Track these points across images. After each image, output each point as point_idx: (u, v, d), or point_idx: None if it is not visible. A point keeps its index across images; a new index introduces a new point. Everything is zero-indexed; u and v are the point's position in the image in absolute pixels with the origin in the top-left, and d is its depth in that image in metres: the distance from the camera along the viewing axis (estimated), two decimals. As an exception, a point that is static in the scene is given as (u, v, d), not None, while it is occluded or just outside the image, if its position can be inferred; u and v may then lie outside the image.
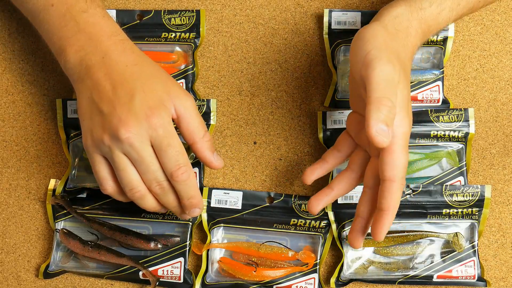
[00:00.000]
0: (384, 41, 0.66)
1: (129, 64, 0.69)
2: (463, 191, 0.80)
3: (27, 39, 0.86)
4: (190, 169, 0.69)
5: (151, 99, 0.68)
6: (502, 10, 0.85)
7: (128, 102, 0.67)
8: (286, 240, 0.82)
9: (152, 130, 0.67)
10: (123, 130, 0.66)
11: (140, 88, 0.68)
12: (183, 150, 0.69)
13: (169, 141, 0.67)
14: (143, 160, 0.68)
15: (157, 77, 0.70)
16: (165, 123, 0.67)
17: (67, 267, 0.82)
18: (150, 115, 0.67)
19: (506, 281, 0.83)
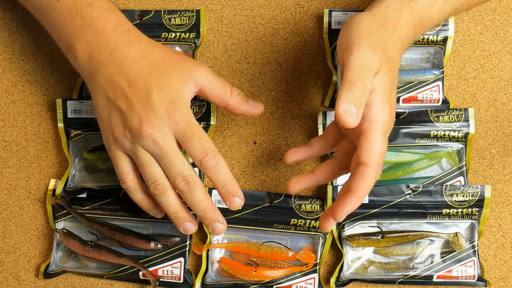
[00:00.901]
0: (368, 28, 0.66)
1: (138, 57, 0.69)
2: (463, 191, 0.80)
3: (27, 39, 0.86)
4: (218, 155, 0.69)
5: (168, 94, 0.68)
6: (502, 10, 0.85)
7: (146, 99, 0.67)
8: (286, 240, 0.82)
9: (173, 124, 0.67)
10: (146, 126, 0.67)
11: (155, 83, 0.68)
12: (207, 138, 0.69)
13: (192, 131, 0.68)
14: (167, 154, 0.68)
15: (168, 65, 0.70)
16: (185, 115, 0.68)
17: (67, 267, 0.82)
18: (169, 110, 0.67)
19: (506, 281, 0.83)
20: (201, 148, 0.68)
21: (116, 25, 0.71)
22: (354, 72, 0.62)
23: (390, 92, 0.66)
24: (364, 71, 0.62)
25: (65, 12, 0.71)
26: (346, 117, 0.60)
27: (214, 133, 0.84)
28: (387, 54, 0.66)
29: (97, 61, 0.70)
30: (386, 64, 0.65)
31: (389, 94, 0.65)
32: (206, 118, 0.82)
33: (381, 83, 0.64)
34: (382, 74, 0.65)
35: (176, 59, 0.71)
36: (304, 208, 0.81)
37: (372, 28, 0.66)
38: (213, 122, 0.83)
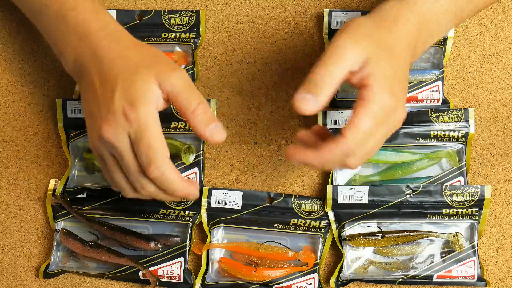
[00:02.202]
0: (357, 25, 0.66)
1: (114, 59, 0.68)
2: (463, 191, 0.80)
3: (27, 39, 0.86)
4: (165, 164, 0.65)
5: (130, 93, 0.65)
6: (502, 10, 0.85)
7: (109, 101, 0.65)
8: (286, 240, 0.82)
9: (128, 126, 0.64)
10: (104, 129, 0.65)
11: (121, 83, 0.65)
12: (158, 145, 0.64)
13: (142, 134, 0.64)
14: (123, 159, 0.66)
15: (140, 67, 0.67)
16: (141, 116, 0.64)
17: (67, 267, 0.82)
18: (127, 111, 0.64)
19: (506, 281, 0.83)
20: (146, 157, 0.64)
21: (98, 28, 0.70)
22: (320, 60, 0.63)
23: (392, 80, 0.64)
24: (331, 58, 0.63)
25: (52, 17, 0.71)
26: (298, 105, 0.62)
27: (214, 133, 0.84)
28: (380, 45, 0.65)
29: (81, 64, 0.69)
30: (382, 55, 0.64)
31: (390, 82, 0.64)
32: (206, 118, 0.82)
33: (377, 69, 0.64)
34: (376, 61, 0.64)
35: (151, 62, 0.68)
36: (304, 208, 0.81)
37: (363, 25, 0.66)
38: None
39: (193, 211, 0.82)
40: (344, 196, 0.80)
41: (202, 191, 0.82)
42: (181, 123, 0.82)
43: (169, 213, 0.82)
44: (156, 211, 0.82)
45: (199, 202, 0.82)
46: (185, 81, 0.67)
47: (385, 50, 0.65)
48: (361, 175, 0.82)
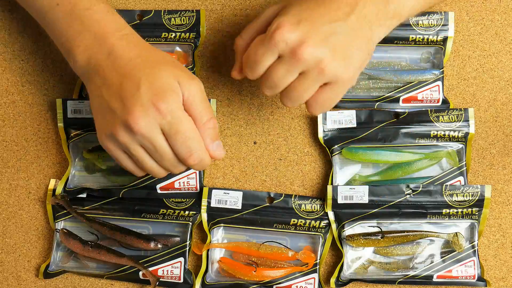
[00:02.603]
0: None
1: (132, 58, 0.69)
2: (463, 191, 0.80)
3: (27, 39, 0.86)
4: (202, 152, 0.68)
5: (157, 86, 0.66)
6: (502, 10, 0.85)
7: (135, 94, 0.66)
8: (286, 240, 0.82)
9: (160, 118, 0.66)
10: (132, 121, 0.65)
11: (145, 78, 0.67)
12: (193, 135, 0.67)
13: (178, 128, 0.66)
14: (157, 149, 0.67)
15: (162, 64, 0.69)
16: (172, 108, 0.66)
17: (67, 267, 0.82)
18: (156, 102, 0.65)
19: (506, 281, 0.83)
20: (185, 147, 0.67)
21: (115, 29, 0.71)
22: None
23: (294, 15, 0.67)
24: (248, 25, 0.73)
25: (64, 16, 0.71)
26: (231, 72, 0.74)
27: (214, 133, 0.84)
28: None
29: (95, 64, 0.69)
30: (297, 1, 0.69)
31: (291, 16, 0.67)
32: (206, 118, 0.82)
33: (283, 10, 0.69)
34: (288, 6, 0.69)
35: (172, 64, 0.70)
36: (304, 208, 0.81)
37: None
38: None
39: (193, 211, 0.82)
40: (344, 196, 0.80)
41: (202, 191, 0.82)
42: (181, 123, 0.82)
43: (169, 213, 0.82)
44: (156, 211, 0.82)
45: (199, 202, 0.82)
46: (202, 92, 0.69)
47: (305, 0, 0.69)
48: (361, 175, 0.82)
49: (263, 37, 0.68)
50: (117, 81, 0.68)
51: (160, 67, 0.68)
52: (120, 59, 0.69)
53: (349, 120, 0.83)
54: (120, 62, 0.69)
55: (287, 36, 0.66)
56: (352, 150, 0.82)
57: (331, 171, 0.82)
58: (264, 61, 0.68)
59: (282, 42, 0.66)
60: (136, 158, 0.69)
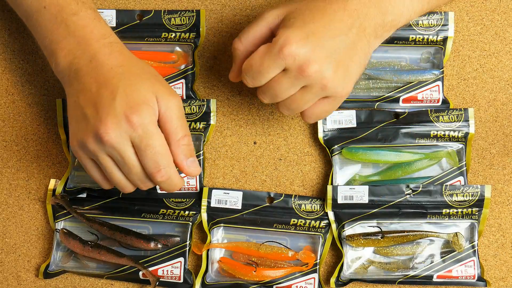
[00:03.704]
0: None
1: (114, 66, 0.68)
2: (463, 191, 0.80)
3: (27, 39, 0.86)
4: (171, 169, 0.68)
5: (133, 99, 0.66)
6: (502, 10, 0.85)
7: (110, 103, 0.65)
8: (286, 240, 0.82)
9: (132, 130, 0.65)
10: (103, 131, 0.65)
11: (123, 88, 0.66)
12: (163, 151, 0.66)
13: (148, 142, 0.65)
14: (125, 162, 0.67)
15: (142, 77, 0.68)
16: (145, 122, 0.65)
17: (67, 267, 0.82)
18: (129, 115, 0.65)
19: (506, 281, 0.83)
20: (154, 163, 0.66)
21: (100, 36, 0.70)
22: None
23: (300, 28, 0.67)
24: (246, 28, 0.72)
25: (51, 19, 0.71)
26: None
27: (214, 133, 0.84)
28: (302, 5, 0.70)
29: (76, 68, 0.69)
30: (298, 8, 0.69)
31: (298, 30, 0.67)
32: (206, 118, 0.82)
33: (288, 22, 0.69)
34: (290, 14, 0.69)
35: (152, 78, 0.69)
36: (304, 208, 0.81)
37: None
38: (213, 122, 0.83)
39: (193, 211, 0.82)
40: (344, 196, 0.80)
41: (202, 191, 0.82)
42: (181, 123, 0.82)
43: (169, 213, 0.82)
44: (156, 211, 0.82)
45: (199, 202, 0.82)
46: (180, 109, 0.69)
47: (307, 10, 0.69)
48: (361, 175, 0.82)
49: (269, 49, 0.67)
50: (95, 88, 0.67)
51: (139, 80, 0.68)
52: (101, 67, 0.68)
53: (349, 120, 0.83)
54: (101, 69, 0.68)
55: (296, 52, 0.66)
56: (352, 150, 0.82)
57: (331, 171, 0.82)
58: (269, 73, 0.68)
59: (291, 58, 0.66)
60: (104, 169, 0.69)
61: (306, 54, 0.66)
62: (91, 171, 0.70)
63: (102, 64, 0.68)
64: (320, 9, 0.69)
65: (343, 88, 0.69)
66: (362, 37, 0.69)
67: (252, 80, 0.70)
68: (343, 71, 0.68)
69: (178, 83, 0.83)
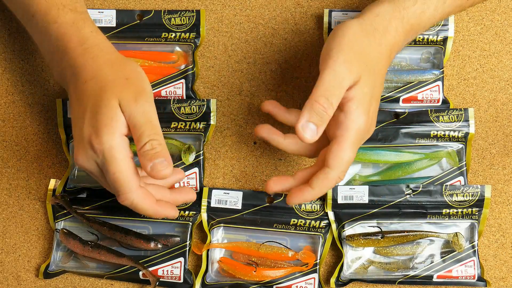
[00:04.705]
0: (352, 39, 0.67)
1: (87, 80, 0.68)
2: (463, 191, 0.80)
3: (27, 39, 0.86)
4: (131, 195, 0.66)
5: (96, 121, 0.65)
6: (502, 10, 0.85)
7: (81, 127, 0.67)
8: (286, 240, 0.82)
9: (95, 156, 0.66)
10: (76, 156, 0.68)
11: (89, 108, 0.66)
12: (123, 177, 0.65)
13: (107, 168, 0.65)
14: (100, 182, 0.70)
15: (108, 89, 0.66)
16: (105, 148, 0.65)
17: (67, 267, 0.82)
18: (92, 140, 0.65)
19: (506, 281, 0.83)
20: (113, 188, 0.67)
21: (77, 43, 0.70)
22: (322, 88, 0.64)
23: (370, 102, 0.67)
24: (332, 89, 0.64)
25: (37, 30, 0.72)
26: (302, 133, 0.65)
27: (214, 133, 0.84)
28: (369, 65, 0.67)
29: (64, 81, 0.71)
30: (368, 75, 0.66)
31: (368, 104, 0.67)
32: (206, 118, 0.82)
33: (360, 94, 0.66)
34: (361, 85, 0.66)
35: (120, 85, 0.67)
36: (304, 208, 0.81)
37: (356, 39, 0.67)
38: (213, 122, 0.83)
39: (193, 211, 0.82)
40: (344, 196, 0.80)
41: (202, 191, 0.82)
42: (181, 123, 0.82)
43: (169, 213, 0.82)
44: (156, 211, 0.82)
45: (199, 202, 0.82)
46: (144, 113, 0.66)
47: (370, 73, 0.67)
48: (361, 175, 0.82)
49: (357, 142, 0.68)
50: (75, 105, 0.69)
51: (105, 94, 0.66)
52: (78, 80, 0.69)
53: (349, 120, 0.82)
54: (78, 83, 0.68)
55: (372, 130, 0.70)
56: (352, 150, 0.82)
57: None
58: None
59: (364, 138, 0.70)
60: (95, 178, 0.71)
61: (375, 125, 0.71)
62: None
63: (79, 77, 0.69)
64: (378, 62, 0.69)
65: None
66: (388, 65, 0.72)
67: None
68: None
69: (178, 83, 0.83)
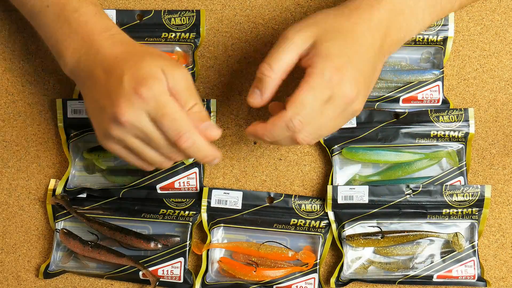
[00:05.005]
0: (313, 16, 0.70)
1: (118, 55, 0.69)
2: (463, 191, 0.80)
3: (27, 39, 0.86)
4: (192, 134, 0.66)
5: (139, 75, 0.65)
6: (502, 10, 0.85)
7: (118, 86, 0.65)
8: (286, 240, 0.82)
9: (145, 104, 0.65)
10: (119, 114, 0.65)
11: (128, 69, 0.66)
12: (180, 116, 0.66)
13: (163, 111, 0.65)
14: (150, 137, 0.67)
15: (146, 56, 0.68)
16: (155, 94, 0.65)
17: (67, 267, 0.82)
18: (138, 90, 0.64)
19: (506, 281, 0.83)
20: (174, 130, 0.65)
21: (101, 29, 0.71)
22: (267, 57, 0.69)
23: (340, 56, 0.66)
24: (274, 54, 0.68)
25: (54, 19, 0.72)
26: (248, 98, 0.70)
27: (214, 133, 0.84)
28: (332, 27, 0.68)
29: (85, 65, 0.70)
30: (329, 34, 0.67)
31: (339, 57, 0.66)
32: (206, 118, 0.82)
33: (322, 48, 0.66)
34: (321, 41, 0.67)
35: (158, 55, 0.69)
36: (304, 208, 0.81)
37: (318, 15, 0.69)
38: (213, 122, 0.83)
39: (193, 211, 0.82)
40: (344, 196, 0.80)
41: (202, 191, 0.82)
42: (181, 123, 0.82)
43: (169, 213, 0.82)
44: (156, 211, 0.82)
45: (199, 202, 0.82)
46: (187, 80, 0.68)
47: (337, 33, 0.67)
48: (361, 175, 0.82)
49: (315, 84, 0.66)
50: (104, 79, 0.67)
51: (143, 59, 0.67)
52: (107, 58, 0.69)
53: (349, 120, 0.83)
54: (106, 61, 0.68)
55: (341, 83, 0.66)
56: (352, 150, 0.82)
57: (331, 171, 0.82)
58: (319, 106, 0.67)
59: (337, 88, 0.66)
60: (135, 151, 0.69)
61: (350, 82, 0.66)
62: (127, 158, 0.70)
63: (107, 55, 0.69)
64: (349, 31, 0.68)
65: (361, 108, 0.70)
66: (381, 56, 0.70)
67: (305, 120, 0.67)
68: (368, 93, 0.70)
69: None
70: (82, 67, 0.70)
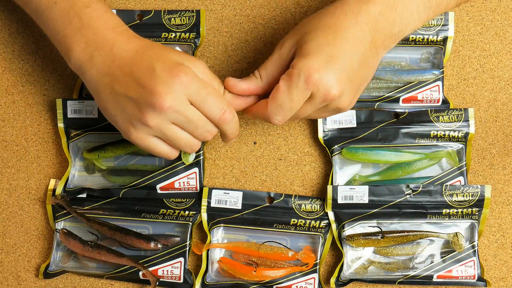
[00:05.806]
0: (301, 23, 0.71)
1: (137, 48, 0.70)
2: (463, 191, 0.80)
3: (27, 39, 0.86)
4: (231, 108, 0.71)
5: (171, 63, 0.68)
6: (502, 10, 0.85)
7: (152, 75, 0.67)
8: (286, 240, 0.82)
9: (186, 88, 0.67)
10: (160, 100, 0.66)
11: (156, 59, 0.68)
12: (220, 93, 0.71)
13: (206, 91, 0.68)
14: (190, 119, 0.69)
15: (167, 49, 0.70)
16: (193, 77, 0.68)
17: (67, 267, 0.82)
18: (176, 76, 0.67)
19: (506, 281, 0.83)
20: (218, 106, 0.69)
21: (114, 25, 0.71)
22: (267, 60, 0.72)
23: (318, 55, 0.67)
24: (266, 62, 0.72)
25: (62, 15, 0.71)
26: None
27: (214, 133, 0.84)
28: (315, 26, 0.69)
29: (98, 60, 0.70)
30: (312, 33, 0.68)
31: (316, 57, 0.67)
32: (206, 118, 0.82)
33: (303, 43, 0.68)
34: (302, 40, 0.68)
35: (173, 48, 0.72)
36: (304, 208, 0.81)
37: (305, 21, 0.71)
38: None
39: (193, 211, 0.82)
40: (344, 196, 0.80)
41: (202, 191, 0.82)
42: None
43: (169, 213, 0.82)
44: (156, 211, 0.82)
45: (199, 202, 0.82)
46: (207, 68, 0.72)
47: (319, 31, 0.69)
48: (361, 175, 0.82)
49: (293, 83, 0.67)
50: (128, 71, 0.68)
51: (165, 49, 0.70)
52: (125, 51, 0.69)
53: (349, 120, 0.83)
54: (125, 54, 0.69)
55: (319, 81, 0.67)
56: (352, 150, 0.82)
57: (331, 171, 0.82)
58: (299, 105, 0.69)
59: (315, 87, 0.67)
60: (170, 138, 0.70)
61: (330, 80, 0.67)
62: (157, 148, 0.71)
63: (125, 49, 0.70)
64: (332, 27, 0.68)
65: (352, 104, 0.71)
66: (373, 51, 0.70)
67: (284, 118, 0.70)
68: (356, 90, 0.70)
69: None
70: (95, 61, 0.70)
